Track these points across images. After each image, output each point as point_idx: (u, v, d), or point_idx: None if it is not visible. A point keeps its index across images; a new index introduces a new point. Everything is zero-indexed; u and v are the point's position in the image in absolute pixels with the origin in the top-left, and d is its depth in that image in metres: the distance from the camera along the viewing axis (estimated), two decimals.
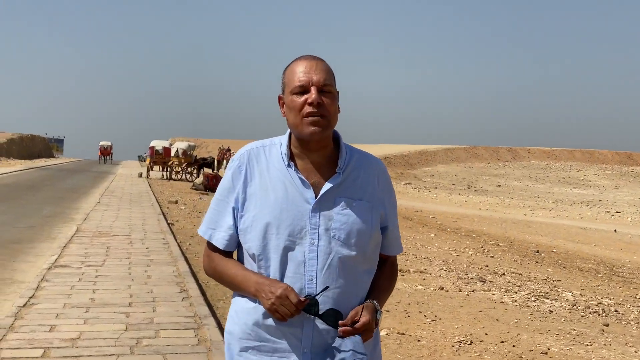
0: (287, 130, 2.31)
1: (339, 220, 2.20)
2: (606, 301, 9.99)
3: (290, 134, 2.29)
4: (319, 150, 2.25)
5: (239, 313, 2.30)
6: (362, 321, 2.14)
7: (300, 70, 2.22)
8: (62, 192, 24.46)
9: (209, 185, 28.65)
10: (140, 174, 41.08)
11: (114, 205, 19.29)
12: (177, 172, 40.20)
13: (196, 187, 29.32)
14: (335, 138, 2.31)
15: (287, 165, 2.25)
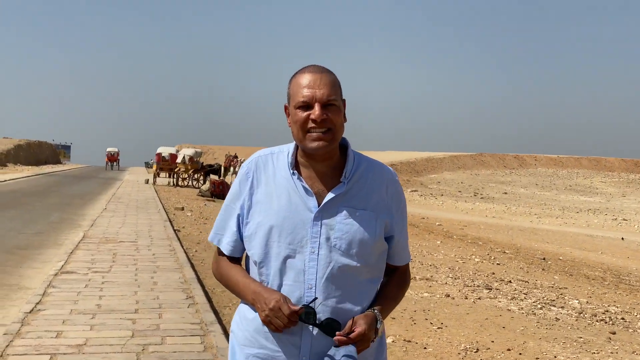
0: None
1: (340, 229, 2.20)
2: (613, 309, 9.96)
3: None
4: (325, 160, 2.25)
5: (242, 320, 2.32)
6: (357, 331, 2.13)
7: (304, 83, 2.20)
8: (69, 199, 24.54)
9: (215, 192, 28.72)
10: (147, 181, 41.21)
11: (121, 211, 19.34)
12: (183, 178, 40.31)
13: (202, 193, 29.37)
14: (343, 146, 2.30)
15: (292, 173, 2.25)
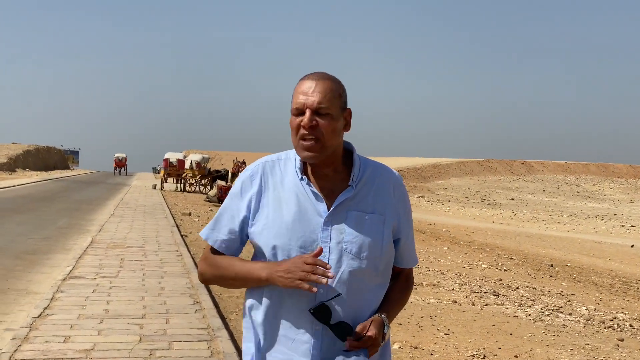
0: None
1: (350, 233, 2.20)
2: (621, 316, 9.92)
3: None
4: (327, 166, 2.25)
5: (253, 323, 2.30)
6: (368, 335, 2.14)
7: (301, 90, 2.21)
8: (77, 204, 24.63)
9: (223, 198, 28.73)
10: (155, 186, 41.32)
11: (128, 216, 19.39)
12: (190, 184, 40.40)
13: (210, 199, 29.44)
14: (348, 150, 2.31)
15: (300, 178, 2.25)
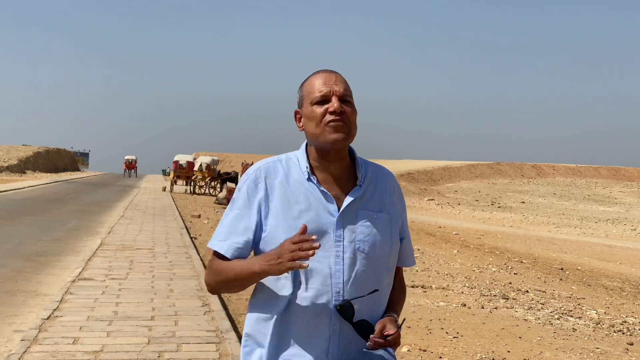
0: (302, 145, 2.31)
1: (362, 232, 2.21)
2: (631, 320, 9.86)
3: (306, 149, 2.30)
4: (338, 161, 2.26)
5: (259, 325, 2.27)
6: (395, 334, 2.13)
7: (320, 82, 2.24)
8: (87, 206, 24.73)
9: None
10: (164, 188, 41.47)
11: (138, 219, 19.45)
12: (200, 186, 40.52)
13: (219, 201, 29.49)
14: (349, 152, 2.32)
15: (308, 178, 2.24)
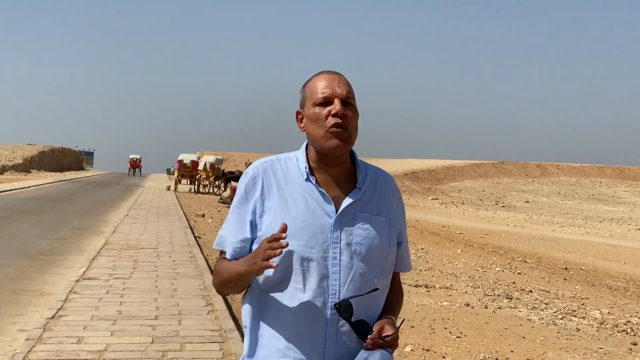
0: (302, 146, 2.31)
1: (359, 234, 2.20)
2: (635, 320, 9.85)
3: (306, 149, 2.29)
4: (338, 165, 2.25)
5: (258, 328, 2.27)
6: (393, 335, 2.13)
7: (323, 83, 2.23)
8: (91, 205, 24.77)
9: None
10: (169, 187, 41.53)
11: (142, 218, 19.49)
12: (204, 185, 40.53)
13: (223, 200, 29.49)
14: (350, 154, 2.31)
15: (307, 179, 2.23)
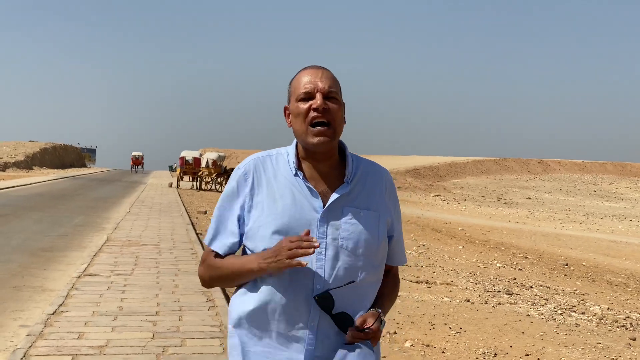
0: (294, 140, 2.33)
1: (346, 229, 2.21)
2: (634, 315, 9.88)
3: (297, 143, 2.31)
4: (326, 160, 2.27)
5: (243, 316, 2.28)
6: (373, 327, 2.15)
7: (306, 78, 2.25)
8: (93, 202, 24.82)
9: None
10: (171, 184, 41.59)
11: (144, 215, 19.52)
12: (206, 182, 40.56)
13: None
14: (340, 148, 2.33)
15: (295, 174, 2.25)
